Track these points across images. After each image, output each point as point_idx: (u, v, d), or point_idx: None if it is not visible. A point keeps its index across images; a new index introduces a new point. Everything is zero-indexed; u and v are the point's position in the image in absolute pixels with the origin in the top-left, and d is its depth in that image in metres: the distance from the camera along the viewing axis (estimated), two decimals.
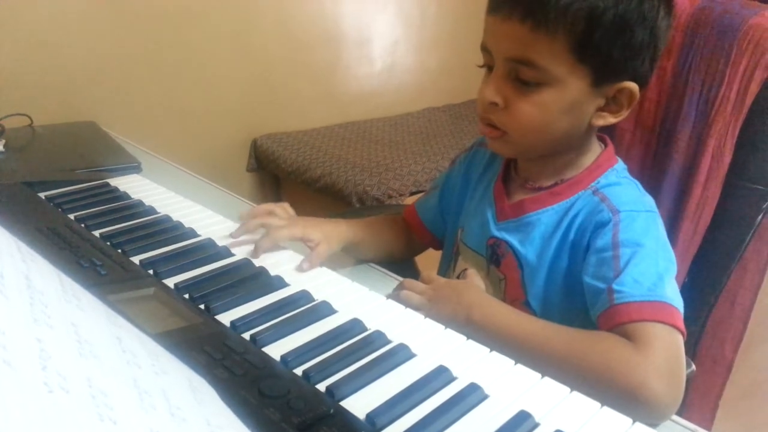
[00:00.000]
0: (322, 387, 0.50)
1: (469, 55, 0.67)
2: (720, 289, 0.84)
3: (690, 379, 0.57)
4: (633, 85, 0.64)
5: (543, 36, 0.61)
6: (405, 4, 2.53)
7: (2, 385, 0.24)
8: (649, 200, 0.69)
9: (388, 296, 0.67)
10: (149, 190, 0.95)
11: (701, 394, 0.54)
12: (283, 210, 0.81)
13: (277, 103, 2.21)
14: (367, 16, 2.41)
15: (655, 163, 0.88)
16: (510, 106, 0.65)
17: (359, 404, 0.48)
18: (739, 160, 0.81)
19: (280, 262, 0.72)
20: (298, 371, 0.52)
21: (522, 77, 0.64)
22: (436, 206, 0.87)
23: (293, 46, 2.19)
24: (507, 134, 0.67)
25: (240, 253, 0.74)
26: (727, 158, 0.82)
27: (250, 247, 0.74)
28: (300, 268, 0.70)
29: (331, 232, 0.76)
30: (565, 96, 0.64)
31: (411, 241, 0.90)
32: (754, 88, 0.79)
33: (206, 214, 0.86)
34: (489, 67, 0.68)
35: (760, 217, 0.80)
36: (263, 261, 0.72)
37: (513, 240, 0.72)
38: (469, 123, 2.44)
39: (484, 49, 0.67)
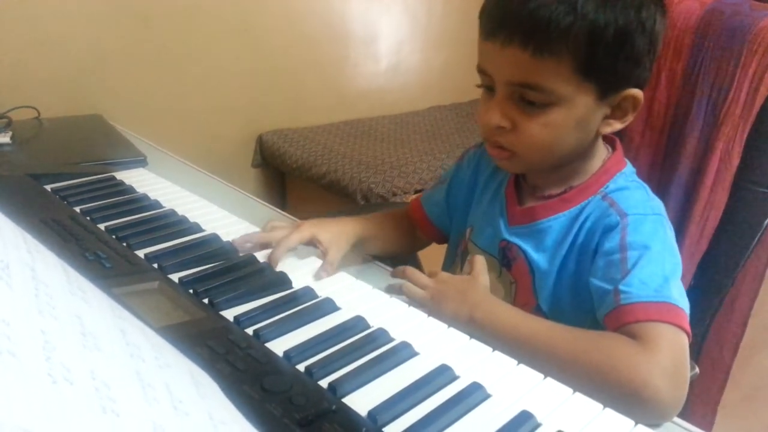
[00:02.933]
0: (324, 383, 0.50)
1: (475, 54, 0.67)
2: (725, 292, 0.84)
3: (692, 382, 0.57)
4: (637, 92, 0.64)
5: (546, 59, 0.60)
6: (411, 2, 2.52)
7: (6, 375, 0.24)
8: (657, 204, 0.68)
9: (390, 286, 0.67)
10: (155, 184, 0.95)
11: (700, 398, 0.54)
12: (284, 224, 0.79)
13: (283, 99, 2.21)
14: (374, 14, 2.41)
15: (664, 166, 0.88)
16: (518, 127, 0.64)
17: (361, 401, 0.48)
18: (747, 164, 0.81)
19: (284, 259, 0.72)
20: (301, 367, 0.52)
21: (528, 99, 0.63)
22: (443, 201, 0.87)
23: (300, 43, 2.19)
24: (516, 154, 0.67)
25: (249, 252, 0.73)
26: (735, 161, 0.81)
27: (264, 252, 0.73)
28: (317, 277, 0.69)
29: (340, 232, 0.76)
30: (573, 113, 0.63)
31: (415, 237, 0.90)
32: (763, 91, 0.78)
33: (211, 209, 0.86)
34: (488, 87, 0.67)
35: (767, 220, 0.80)
36: (267, 257, 0.72)
37: (526, 246, 0.72)
38: (475, 122, 2.43)
39: (482, 71, 0.66)
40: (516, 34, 0.60)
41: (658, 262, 0.61)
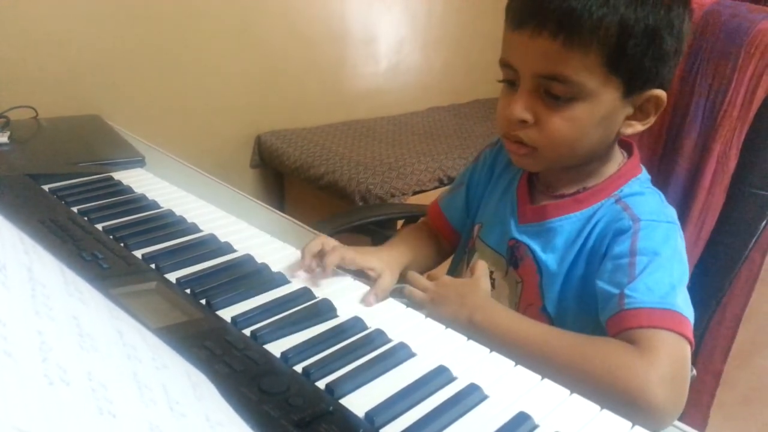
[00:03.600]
0: (321, 384, 0.50)
1: (475, 55, 0.67)
2: (722, 295, 0.84)
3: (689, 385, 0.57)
4: (661, 92, 0.64)
5: (576, 51, 0.59)
6: (411, 3, 2.52)
7: (3, 376, 0.24)
8: (671, 211, 0.68)
9: (392, 290, 0.66)
10: (152, 184, 0.95)
11: (691, 403, 0.54)
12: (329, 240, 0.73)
13: (281, 99, 2.21)
14: (373, 14, 2.41)
15: (661, 167, 0.88)
16: (541, 122, 0.64)
17: (359, 402, 0.48)
18: (745, 166, 0.81)
19: (282, 259, 0.72)
20: (298, 368, 0.52)
21: (553, 92, 0.62)
22: (463, 205, 0.86)
23: (299, 43, 2.19)
24: (537, 150, 0.66)
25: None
26: (733, 163, 0.81)
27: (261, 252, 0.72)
28: (366, 302, 0.64)
29: (390, 260, 0.73)
30: (598, 109, 0.63)
31: (441, 247, 0.88)
32: (760, 93, 0.79)
33: (209, 210, 0.86)
34: (509, 82, 0.66)
35: (763, 223, 0.80)
36: (266, 257, 0.72)
37: (534, 245, 0.71)
38: (474, 123, 2.44)
39: (506, 65, 0.65)
40: (547, 23, 0.60)
41: (666, 269, 0.61)
